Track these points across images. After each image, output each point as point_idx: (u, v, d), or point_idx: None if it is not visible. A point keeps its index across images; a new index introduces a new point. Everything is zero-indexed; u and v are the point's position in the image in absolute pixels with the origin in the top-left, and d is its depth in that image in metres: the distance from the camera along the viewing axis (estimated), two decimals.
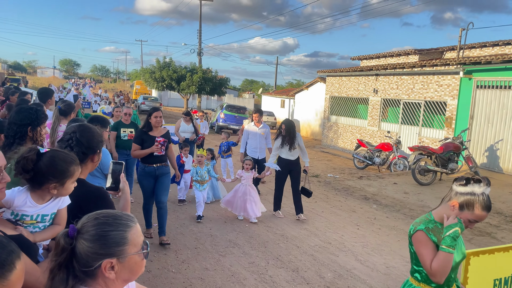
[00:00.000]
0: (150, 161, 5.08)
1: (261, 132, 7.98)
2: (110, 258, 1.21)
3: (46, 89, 5.64)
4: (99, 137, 2.18)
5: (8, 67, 67.96)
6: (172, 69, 26.64)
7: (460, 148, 10.28)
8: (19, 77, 32.49)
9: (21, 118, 2.81)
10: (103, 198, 2.05)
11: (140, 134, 5.14)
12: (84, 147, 2.07)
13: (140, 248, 1.29)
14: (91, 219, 1.26)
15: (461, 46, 14.13)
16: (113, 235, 1.23)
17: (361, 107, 17.87)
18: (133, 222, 1.31)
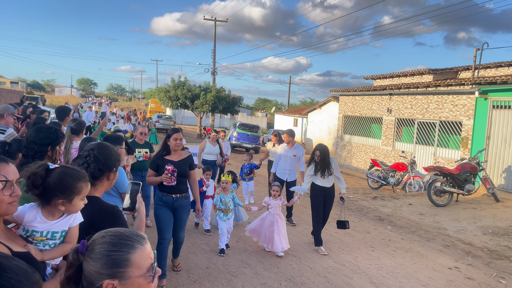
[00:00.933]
0: (168, 190, 4.51)
1: (292, 155, 7.63)
2: (112, 279, 1.18)
3: (64, 107, 5.75)
4: (117, 155, 2.20)
5: (27, 86, 69.78)
6: (186, 88, 27.00)
7: (476, 169, 10.10)
8: (38, 96, 33.29)
9: (41, 137, 2.86)
10: (117, 217, 2.05)
11: (156, 159, 4.61)
12: (101, 164, 2.09)
13: (146, 271, 1.22)
14: (99, 237, 1.25)
15: (476, 66, 14.03)
16: (116, 256, 1.19)
17: (375, 127, 17.77)
18: (140, 243, 1.24)
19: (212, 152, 8.57)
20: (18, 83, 70.88)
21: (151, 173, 4.59)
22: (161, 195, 4.56)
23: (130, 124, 24.02)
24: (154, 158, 4.71)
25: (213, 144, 8.61)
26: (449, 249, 6.81)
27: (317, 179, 6.31)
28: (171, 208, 4.56)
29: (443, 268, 5.88)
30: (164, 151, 4.61)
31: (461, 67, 16.89)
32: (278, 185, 6.21)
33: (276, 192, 6.07)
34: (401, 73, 18.77)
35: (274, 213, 5.95)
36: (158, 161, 4.55)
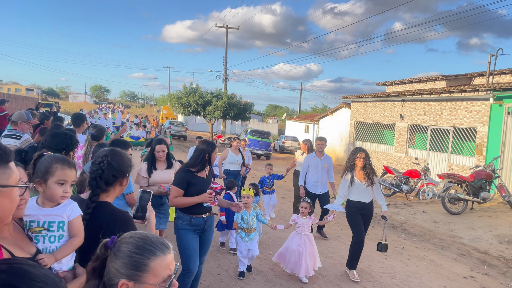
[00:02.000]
0: (198, 210, 3.83)
1: (324, 164, 7.04)
2: (128, 280, 1.19)
3: (79, 114, 5.87)
4: (129, 161, 2.23)
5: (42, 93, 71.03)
6: (198, 94, 27.19)
7: (492, 176, 9.93)
8: (52, 102, 33.84)
9: (56, 143, 2.93)
10: (126, 222, 2.05)
11: (185, 175, 3.81)
12: (114, 171, 2.11)
13: (162, 281, 1.22)
14: (127, 236, 1.27)
15: (491, 72, 13.86)
16: (136, 259, 1.21)
17: (387, 133, 17.63)
18: (163, 252, 1.25)
19: (235, 162, 8.02)
20: (33, 90, 72.24)
21: (178, 193, 3.77)
22: (189, 218, 3.81)
23: (143, 131, 24.24)
24: (182, 175, 3.83)
25: (235, 153, 8.06)
26: (464, 258, 6.69)
27: (353, 192, 5.35)
28: (201, 231, 3.90)
29: (458, 277, 5.78)
30: (196, 166, 3.84)
31: (475, 73, 16.70)
32: (307, 201, 5.36)
33: (305, 209, 5.27)
34: (414, 79, 18.63)
35: (302, 233, 5.20)
36: (189, 178, 3.79)
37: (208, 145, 3.89)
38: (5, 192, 1.21)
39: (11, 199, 1.23)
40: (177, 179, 3.84)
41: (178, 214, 3.90)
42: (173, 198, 3.80)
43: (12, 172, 1.24)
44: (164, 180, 4.65)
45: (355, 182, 5.30)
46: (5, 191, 1.21)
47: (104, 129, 4.82)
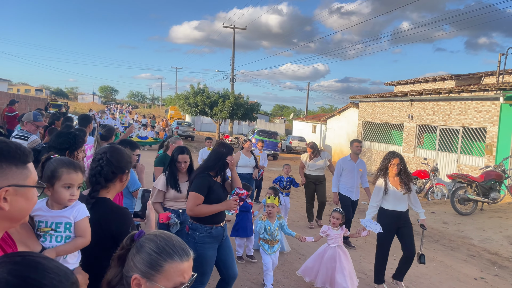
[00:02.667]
0: (218, 219, 3.50)
1: (359, 169, 6.64)
2: (141, 275, 1.21)
3: (86, 116, 5.94)
4: (128, 158, 2.25)
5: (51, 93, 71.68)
6: (205, 95, 27.26)
7: (502, 176, 9.82)
8: (61, 103, 34.08)
9: (60, 142, 2.95)
10: (124, 218, 2.08)
11: (206, 180, 3.48)
12: (113, 167, 2.15)
13: (172, 286, 1.21)
14: (153, 234, 1.29)
15: (501, 71, 13.71)
16: (153, 257, 1.22)
17: (396, 133, 17.52)
18: (180, 257, 1.24)
19: (247, 165, 7.63)
20: (42, 91, 72.92)
21: (199, 199, 3.40)
22: (209, 229, 3.44)
23: (151, 131, 24.34)
24: (202, 180, 3.48)
25: (247, 155, 7.66)
26: (474, 259, 6.62)
27: (389, 201, 4.85)
28: (220, 241, 3.58)
29: (468, 278, 5.72)
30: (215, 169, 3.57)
31: (485, 73, 16.53)
32: (339, 211, 4.87)
33: (336, 219, 4.79)
34: (422, 79, 18.50)
35: (336, 245, 4.73)
36: (211, 182, 3.48)
37: (228, 148, 3.64)
38: (22, 192, 1.21)
39: (28, 199, 1.24)
40: (198, 185, 3.44)
41: (194, 225, 3.47)
42: (194, 207, 3.38)
43: (30, 172, 1.24)
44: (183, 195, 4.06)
45: (390, 189, 4.83)
46: (22, 191, 1.21)
47: (113, 129, 4.84)
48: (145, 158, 16.38)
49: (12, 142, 1.23)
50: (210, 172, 3.55)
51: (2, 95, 13.66)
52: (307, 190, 7.91)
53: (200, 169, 3.65)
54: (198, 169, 3.67)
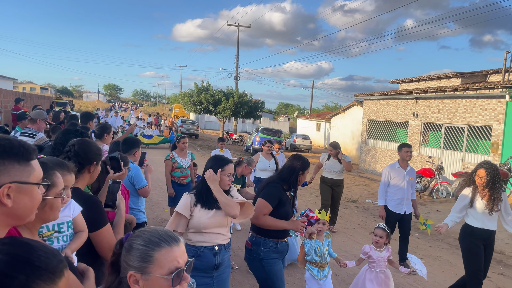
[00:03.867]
0: (284, 234, 3.25)
1: (410, 177, 5.69)
2: (135, 271, 1.24)
3: (87, 113, 6.01)
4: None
5: (56, 92, 72.02)
6: (209, 93, 27.29)
7: (507, 175, 9.77)
8: (66, 101, 34.27)
9: (67, 139, 2.95)
10: (94, 206, 2.15)
11: (278, 190, 3.21)
12: (80, 158, 2.23)
13: (168, 272, 1.23)
14: (138, 232, 1.32)
15: (507, 69, 13.61)
16: (142, 250, 1.25)
17: (400, 131, 17.46)
18: (168, 244, 1.27)
19: (267, 168, 7.02)
20: (47, 89, 73.31)
21: (268, 210, 3.11)
22: (274, 244, 3.18)
23: (156, 130, 24.39)
24: (274, 190, 3.17)
25: (267, 158, 7.09)
26: None
27: (476, 217, 4.21)
28: (283, 257, 3.36)
29: None
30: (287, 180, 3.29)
31: (490, 70, 16.43)
32: (383, 228, 4.07)
33: (380, 238, 4.00)
34: (428, 77, 18.41)
35: (378, 270, 3.97)
36: (279, 194, 3.20)
37: (304, 162, 3.33)
38: (25, 190, 1.21)
39: (32, 197, 1.23)
40: (269, 193, 3.17)
41: (258, 239, 3.17)
42: (261, 215, 3.09)
43: (34, 170, 1.24)
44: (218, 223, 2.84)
45: (478, 203, 4.20)
46: (25, 188, 1.20)
47: (105, 127, 4.73)
48: (150, 156, 16.43)
49: (15, 139, 1.23)
50: (284, 185, 3.28)
51: (8, 94, 13.73)
52: (323, 193, 7.39)
53: (273, 178, 3.39)
54: (271, 178, 3.42)
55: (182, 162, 6.10)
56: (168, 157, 6.11)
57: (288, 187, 3.29)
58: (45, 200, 1.57)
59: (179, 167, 6.07)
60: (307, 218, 3.27)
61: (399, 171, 5.67)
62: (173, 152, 6.19)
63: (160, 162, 15.47)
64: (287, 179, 3.29)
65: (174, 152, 6.18)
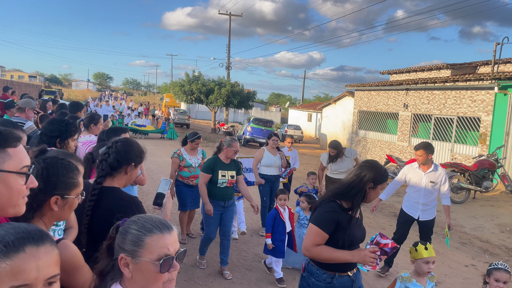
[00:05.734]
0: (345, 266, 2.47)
1: (430, 181, 4.93)
2: (126, 254, 1.27)
3: (76, 103, 5.93)
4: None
5: (45, 80, 70.98)
6: (201, 82, 27.11)
7: (495, 165, 9.92)
8: (55, 90, 33.80)
9: (51, 129, 2.90)
10: (136, 207, 2.09)
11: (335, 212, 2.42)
12: (120, 156, 2.16)
13: (156, 258, 1.26)
14: (134, 218, 1.36)
15: (496, 60, 13.73)
16: (133, 234, 1.28)
17: (391, 122, 17.58)
18: (160, 230, 1.30)
19: (272, 164, 6.32)
20: (36, 77, 72.20)
21: (322, 238, 2.40)
22: (328, 278, 2.46)
23: (147, 119, 24.24)
24: (328, 213, 2.41)
25: (273, 153, 6.35)
26: (465, 247, 6.73)
27: None
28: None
29: (459, 265, 5.82)
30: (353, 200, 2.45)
31: (480, 62, 16.57)
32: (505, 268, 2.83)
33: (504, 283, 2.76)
34: (418, 68, 18.51)
35: None
36: (337, 217, 2.41)
37: (379, 172, 2.47)
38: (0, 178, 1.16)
39: (8, 186, 1.18)
40: (322, 218, 2.41)
41: (310, 267, 2.53)
42: (312, 246, 2.40)
43: (9, 157, 1.20)
44: None
45: None
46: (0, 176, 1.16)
47: (92, 117, 4.62)
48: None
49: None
50: (342, 201, 2.44)
51: None
52: None
53: (328, 194, 2.57)
54: (327, 194, 2.59)
55: (191, 160, 5.52)
56: (175, 154, 5.52)
57: (352, 205, 2.43)
58: (67, 199, 1.58)
59: (187, 165, 5.47)
60: (378, 247, 2.35)
61: (418, 173, 5.01)
62: (182, 148, 5.61)
63: (151, 151, 15.43)
64: (348, 194, 2.44)
65: (183, 149, 5.60)
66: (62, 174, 1.58)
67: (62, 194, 1.56)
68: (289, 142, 7.40)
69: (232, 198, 4.77)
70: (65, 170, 1.60)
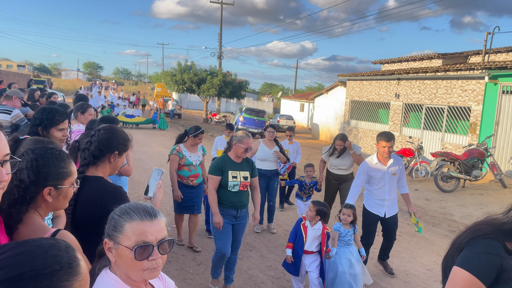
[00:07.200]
0: None
1: (393, 173, 4.61)
2: (109, 239, 1.30)
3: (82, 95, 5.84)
4: (122, 140, 2.18)
5: (34, 69, 69.96)
6: (192, 72, 26.89)
7: (484, 154, 10.02)
8: (45, 79, 33.33)
9: (34, 117, 2.81)
10: (119, 196, 2.06)
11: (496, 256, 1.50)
12: (101, 145, 2.11)
13: (134, 245, 1.25)
14: (123, 204, 1.39)
15: (487, 50, 13.79)
16: (116, 220, 1.31)
17: (382, 112, 17.65)
18: (140, 217, 1.29)
19: (268, 158, 5.90)
20: (25, 67, 71.10)
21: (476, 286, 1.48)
22: None
23: (138, 110, 24.03)
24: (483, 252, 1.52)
25: (269, 146, 5.94)
26: (454, 235, 6.81)
27: None
28: None
29: None
30: None
31: (471, 52, 16.63)
32: None
33: None
34: (410, 58, 18.54)
35: None
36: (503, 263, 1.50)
37: None
38: None
39: None
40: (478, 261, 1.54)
41: None
42: None
43: None
44: None
45: None
46: None
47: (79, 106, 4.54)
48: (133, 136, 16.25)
49: None
50: (507, 243, 1.55)
51: None
52: (328, 189, 6.14)
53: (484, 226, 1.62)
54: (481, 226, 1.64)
55: (191, 158, 4.97)
56: (174, 151, 4.96)
57: None
58: (61, 189, 1.56)
59: (187, 164, 4.94)
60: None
61: (378, 168, 4.58)
62: (181, 145, 5.03)
63: (142, 142, 15.34)
64: None
65: (182, 145, 5.02)
66: (53, 165, 1.55)
67: (55, 185, 1.53)
68: (289, 135, 7.01)
69: (246, 207, 3.95)
70: (56, 160, 1.56)
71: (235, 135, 3.99)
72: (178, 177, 4.95)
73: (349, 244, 4.06)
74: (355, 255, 4.04)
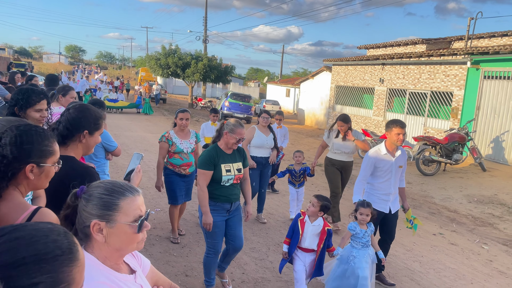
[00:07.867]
0: None
1: (399, 165, 4.23)
2: (99, 219, 1.27)
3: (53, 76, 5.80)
4: (92, 119, 2.14)
5: (14, 53, 68.07)
6: (177, 56, 26.53)
7: (465, 139, 10.22)
8: (25, 63, 32.52)
9: (11, 98, 2.80)
10: (89, 177, 2.02)
11: None
12: (69, 124, 2.08)
13: (133, 220, 1.31)
14: (97, 183, 1.36)
15: (470, 36, 13.93)
16: (106, 199, 1.29)
17: (367, 97, 17.77)
18: (131, 193, 1.33)
19: (264, 145, 5.71)
20: (5, 50, 69.08)
21: None
22: None
23: (121, 94, 23.69)
24: None
25: (265, 133, 5.77)
26: (434, 216, 6.97)
27: None
28: None
29: (427, 234, 6.05)
30: None
31: (455, 37, 16.78)
32: None
33: None
34: (395, 43, 18.62)
35: None
36: None
37: None
38: None
39: None
40: None
41: None
42: None
43: None
44: None
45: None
46: None
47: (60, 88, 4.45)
48: (116, 121, 16.07)
49: None
50: None
51: None
52: (333, 178, 5.72)
53: None
54: None
55: (181, 145, 4.69)
56: (163, 137, 4.69)
57: None
58: (43, 168, 1.55)
59: (177, 151, 4.67)
60: None
61: (386, 160, 4.17)
62: (171, 131, 4.76)
63: (127, 126, 15.18)
64: None
65: (172, 131, 4.75)
66: (37, 142, 1.55)
67: (37, 162, 1.54)
68: (278, 118, 6.82)
69: (239, 198, 3.68)
70: (40, 138, 1.56)
71: (226, 123, 3.57)
72: (170, 165, 4.71)
73: (367, 246, 3.72)
74: (372, 257, 3.74)
